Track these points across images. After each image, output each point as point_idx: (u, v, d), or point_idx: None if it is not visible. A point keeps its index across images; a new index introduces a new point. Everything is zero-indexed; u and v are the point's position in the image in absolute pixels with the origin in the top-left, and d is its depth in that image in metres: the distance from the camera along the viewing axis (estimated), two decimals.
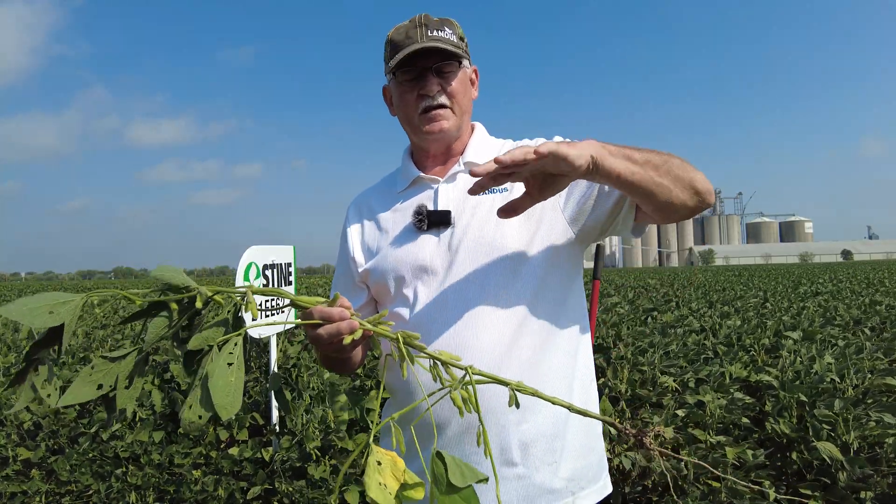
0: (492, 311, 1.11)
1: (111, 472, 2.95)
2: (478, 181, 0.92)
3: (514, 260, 1.14)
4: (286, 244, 3.06)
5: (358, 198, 1.39)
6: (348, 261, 1.30)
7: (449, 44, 1.17)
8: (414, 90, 1.19)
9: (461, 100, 1.21)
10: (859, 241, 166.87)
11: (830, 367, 3.20)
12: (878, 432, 2.38)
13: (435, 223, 1.19)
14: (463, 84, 1.22)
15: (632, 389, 3.11)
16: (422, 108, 1.19)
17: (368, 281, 1.26)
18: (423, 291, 1.16)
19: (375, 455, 0.71)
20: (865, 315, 6.15)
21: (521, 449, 1.10)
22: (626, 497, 2.54)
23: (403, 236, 1.22)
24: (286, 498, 2.67)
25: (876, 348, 3.75)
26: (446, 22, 1.20)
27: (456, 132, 1.23)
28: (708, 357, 3.88)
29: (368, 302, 1.30)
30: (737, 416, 2.75)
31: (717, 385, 3.05)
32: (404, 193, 1.28)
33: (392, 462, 0.73)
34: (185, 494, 2.73)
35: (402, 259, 1.20)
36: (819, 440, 2.38)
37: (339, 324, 0.84)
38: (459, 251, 1.16)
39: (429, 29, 1.16)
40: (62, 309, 0.69)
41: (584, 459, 1.17)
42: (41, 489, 2.97)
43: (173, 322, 0.76)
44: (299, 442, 2.83)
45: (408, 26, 1.18)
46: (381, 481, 0.70)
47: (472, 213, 1.19)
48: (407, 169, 1.29)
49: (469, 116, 1.28)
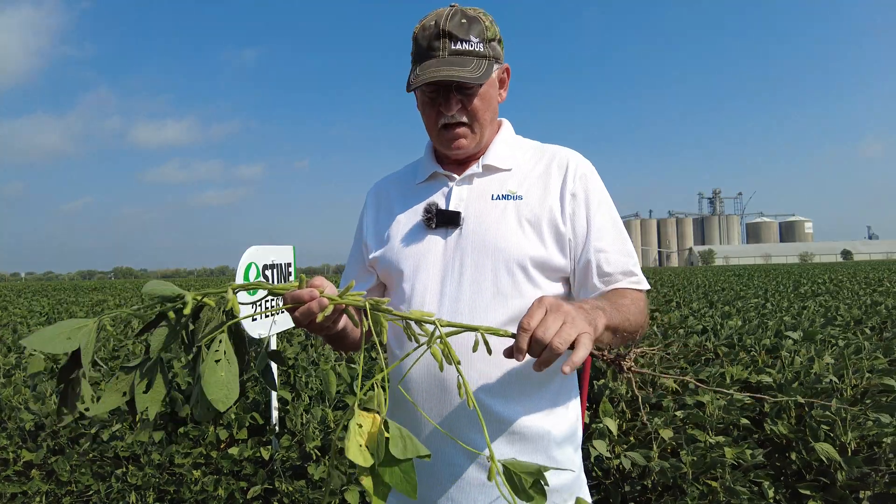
0: (486, 315, 1.12)
1: (111, 472, 2.95)
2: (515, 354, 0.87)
3: (515, 268, 1.13)
4: (287, 244, 3.06)
5: (379, 183, 1.40)
6: (360, 246, 1.33)
7: (472, 58, 1.11)
8: (435, 105, 1.18)
9: (482, 116, 1.19)
10: (859, 241, 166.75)
11: (829, 367, 3.20)
12: (875, 432, 2.39)
13: (443, 223, 1.19)
14: (485, 100, 1.18)
15: (631, 391, 3.11)
16: (441, 124, 1.18)
17: (376, 267, 1.28)
18: (419, 289, 1.17)
19: (356, 418, 0.73)
20: (866, 315, 6.15)
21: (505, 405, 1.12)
22: (626, 497, 2.54)
23: (412, 232, 1.23)
24: (286, 498, 2.68)
25: (874, 348, 3.76)
26: (474, 22, 1.14)
27: (475, 148, 1.23)
28: (709, 358, 3.89)
29: (377, 286, 1.32)
30: (735, 416, 2.75)
31: (716, 386, 3.05)
32: (422, 186, 1.29)
33: (372, 423, 0.74)
34: (185, 494, 2.74)
35: (405, 254, 1.21)
36: (817, 441, 2.39)
37: (309, 304, 0.90)
38: (462, 254, 1.16)
39: (452, 41, 1.11)
40: (78, 334, 0.76)
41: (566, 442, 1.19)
42: (41, 489, 2.97)
43: (176, 329, 0.82)
44: (299, 441, 2.84)
45: (432, 33, 1.13)
46: (361, 442, 0.71)
47: (480, 217, 1.18)
48: (427, 162, 1.29)
49: (493, 122, 1.25)
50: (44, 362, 4.60)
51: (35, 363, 3.05)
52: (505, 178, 1.22)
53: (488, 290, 1.13)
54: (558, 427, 1.16)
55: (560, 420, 1.17)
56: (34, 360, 0.69)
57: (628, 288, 1.15)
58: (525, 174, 1.22)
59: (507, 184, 1.21)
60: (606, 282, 1.15)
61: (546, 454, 1.14)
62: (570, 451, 1.19)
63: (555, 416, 1.16)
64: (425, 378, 1.13)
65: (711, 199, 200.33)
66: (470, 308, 1.12)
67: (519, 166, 1.24)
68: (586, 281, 1.16)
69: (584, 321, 0.87)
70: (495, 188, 1.21)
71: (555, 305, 0.86)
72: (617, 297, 1.10)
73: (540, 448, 1.13)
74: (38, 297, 20.98)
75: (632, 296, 1.13)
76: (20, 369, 4.83)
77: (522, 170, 1.23)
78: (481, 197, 1.21)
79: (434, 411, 1.13)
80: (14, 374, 4.61)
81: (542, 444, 1.13)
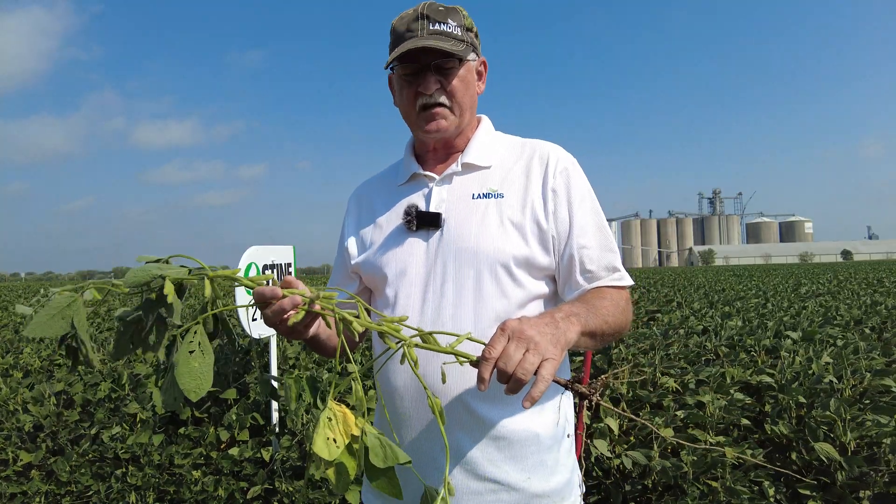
0: (470, 318, 1.10)
1: (111, 472, 2.95)
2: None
3: (498, 269, 1.11)
4: (287, 244, 3.06)
5: (360, 188, 1.38)
6: (343, 251, 1.32)
7: (451, 39, 1.12)
8: (413, 86, 1.16)
9: (461, 98, 1.17)
10: (859, 241, 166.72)
11: (828, 367, 3.20)
12: (875, 432, 2.39)
13: (424, 224, 1.17)
14: (464, 81, 1.17)
15: (633, 391, 3.11)
16: (419, 105, 1.16)
17: (360, 272, 1.27)
18: (404, 293, 1.16)
19: (327, 411, 0.73)
20: (865, 315, 6.15)
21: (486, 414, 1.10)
22: (627, 496, 2.54)
23: (393, 235, 1.21)
24: (286, 498, 2.67)
25: (872, 348, 3.76)
26: (452, 11, 1.15)
27: (455, 130, 1.20)
28: (709, 359, 3.89)
29: (362, 291, 1.31)
30: (736, 416, 2.75)
31: (716, 386, 3.05)
32: (402, 188, 1.27)
33: (343, 417, 0.75)
34: (185, 495, 2.74)
35: (387, 259, 1.19)
36: (817, 441, 2.39)
37: (280, 302, 0.89)
38: (444, 256, 1.14)
39: (430, 22, 1.12)
40: (69, 312, 0.78)
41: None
42: (41, 490, 2.97)
43: (159, 306, 0.84)
44: (299, 442, 2.84)
45: (410, 17, 1.14)
46: (330, 436, 0.72)
47: (462, 218, 1.16)
48: (407, 163, 1.28)
49: (472, 113, 1.24)
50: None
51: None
52: (485, 177, 1.20)
53: (471, 292, 1.11)
54: (547, 428, 1.13)
55: (548, 422, 1.14)
56: (28, 328, 0.65)
57: (610, 286, 1.13)
58: (506, 171, 1.20)
59: (488, 182, 1.19)
60: (589, 279, 1.13)
61: (535, 457, 1.11)
62: (562, 452, 1.16)
63: (543, 418, 1.13)
64: (410, 380, 1.12)
65: (711, 199, 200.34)
66: (453, 312, 1.11)
67: (499, 163, 1.22)
68: (569, 278, 1.14)
69: (549, 342, 0.85)
70: (476, 187, 1.19)
71: (517, 331, 0.84)
72: (596, 298, 1.08)
73: (528, 452, 1.11)
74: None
75: (612, 295, 1.11)
76: (17, 370, 4.82)
77: (503, 167, 1.21)
78: (462, 197, 1.18)
79: (420, 412, 1.12)
80: (12, 375, 4.61)
81: (531, 448, 1.11)
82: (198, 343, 0.80)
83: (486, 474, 1.09)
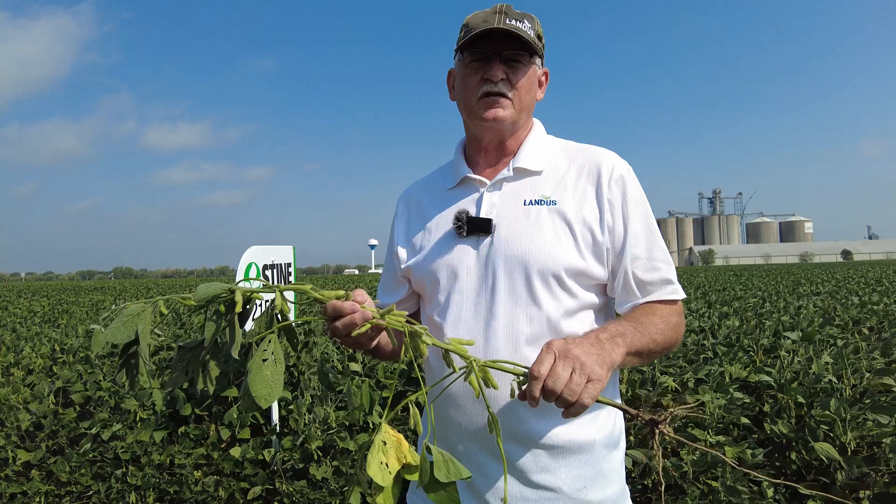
0: (521, 326, 1.10)
1: (111, 472, 2.95)
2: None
3: (549, 278, 1.10)
4: (288, 244, 3.06)
5: (409, 190, 1.37)
6: (392, 255, 1.31)
7: (525, 34, 1.11)
8: (478, 73, 1.15)
9: (524, 95, 1.17)
10: (859, 241, 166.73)
11: (828, 367, 3.20)
12: (875, 432, 2.39)
13: (475, 231, 1.16)
14: (529, 80, 1.17)
15: (632, 389, 3.11)
16: (482, 91, 1.15)
17: (410, 277, 1.27)
18: (456, 299, 1.15)
19: (382, 435, 0.74)
20: (865, 315, 6.15)
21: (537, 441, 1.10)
22: None
23: (443, 240, 1.20)
24: (287, 498, 2.68)
25: (872, 348, 3.76)
26: (527, 16, 1.16)
27: (511, 125, 1.19)
28: (707, 357, 3.89)
29: (410, 296, 1.31)
30: (735, 415, 2.75)
31: (716, 385, 3.05)
32: (452, 192, 1.26)
33: (397, 443, 0.75)
34: (186, 495, 2.74)
35: (438, 264, 1.18)
36: (816, 441, 2.39)
37: (352, 316, 0.90)
38: (494, 262, 1.13)
39: (508, 17, 1.12)
40: (136, 320, 0.84)
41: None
42: (41, 490, 2.97)
43: (226, 320, 0.90)
44: (301, 442, 2.84)
45: (487, 12, 1.14)
46: (383, 460, 0.72)
47: (513, 224, 1.14)
48: (458, 165, 1.26)
49: (529, 115, 1.23)
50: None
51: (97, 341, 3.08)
52: (537, 183, 1.18)
53: (523, 300, 1.10)
54: (603, 432, 1.12)
55: (605, 424, 1.13)
56: (96, 339, 0.69)
57: (662, 300, 1.12)
58: (559, 178, 1.18)
59: (540, 188, 1.17)
60: (643, 292, 1.11)
61: (592, 466, 1.10)
62: (617, 460, 1.15)
63: (599, 421, 1.12)
64: (464, 392, 1.12)
65: (711, 199, 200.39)
66: (506, 320, 1.10)
67: (552, 168, 1.20)
68: (622, 290, 1.13)
69: (594, 363, 0.85)
70: (528, 193, 1.17)
71: (563, 351, 0.85)
72: (646, 315, 1.07)
73: (586, 461, 1.10)
74: (38, 297, 20.97)
75: (662, 311, 1.09)
76: (18, 367, 4.83)
77: (556, 172, 1.19)
78: (513, 203, 1.17)
79: (470, 421, 1.12)
80: (12, 373, 4.61)
81: (589, 457, 1.10)
82: (271, 352, 0.83)
83: (540, 482, 1.09)
